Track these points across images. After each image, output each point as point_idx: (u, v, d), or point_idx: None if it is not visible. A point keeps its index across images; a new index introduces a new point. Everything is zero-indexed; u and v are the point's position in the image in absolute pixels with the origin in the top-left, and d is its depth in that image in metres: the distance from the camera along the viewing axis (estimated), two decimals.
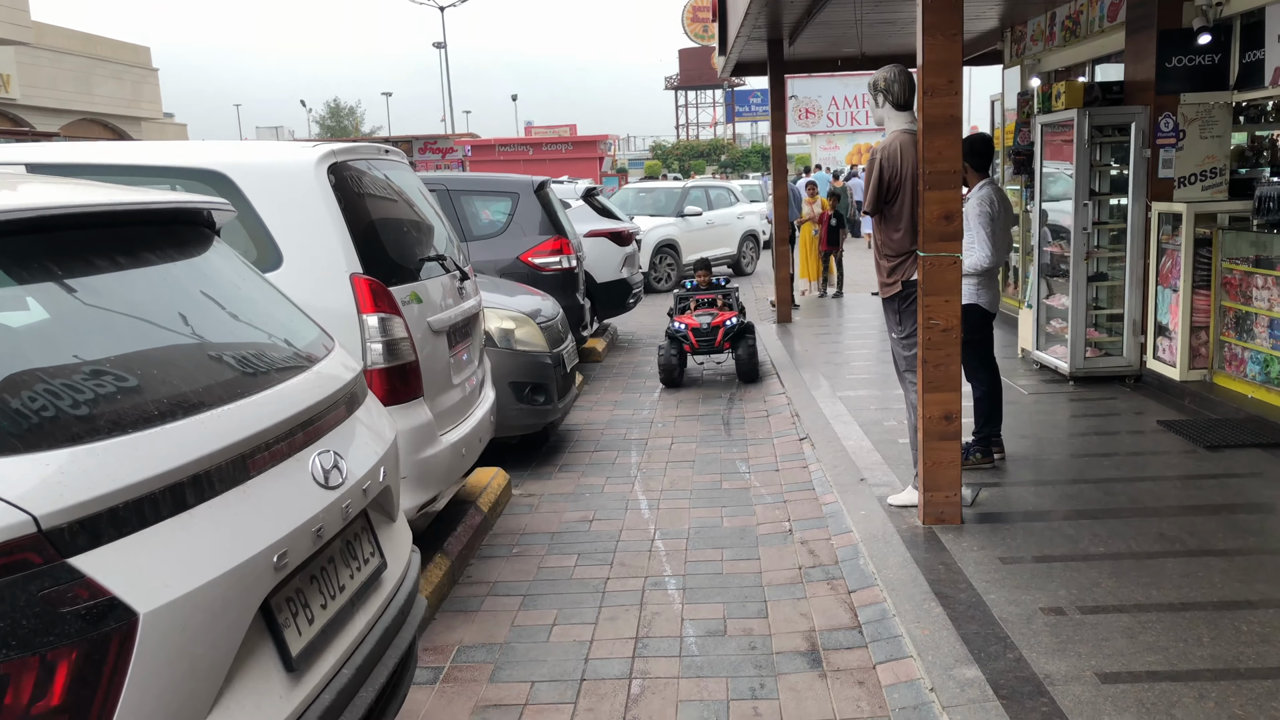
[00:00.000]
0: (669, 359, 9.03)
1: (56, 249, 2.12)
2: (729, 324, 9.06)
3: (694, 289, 9.88)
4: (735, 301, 9.63)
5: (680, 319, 9.24)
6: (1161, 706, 3.23)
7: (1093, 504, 5.20)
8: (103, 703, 1.56)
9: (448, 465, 4.52)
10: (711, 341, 9.03)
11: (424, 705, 3.71)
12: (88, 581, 1.56)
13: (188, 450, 1.82)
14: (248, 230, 4.16)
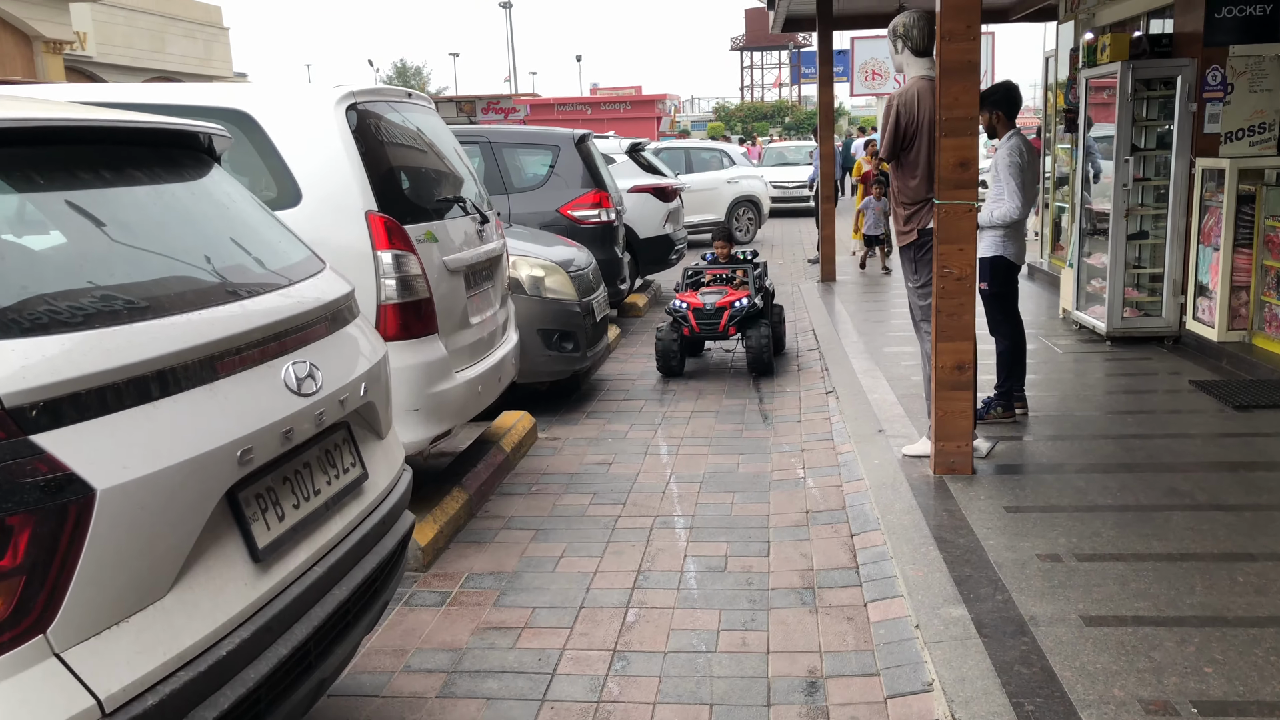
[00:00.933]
0: (667, 343, 7.66)
1: (57, 160, 2.26)
2: (738, 305, 7.63)
3: (710, 262, 8.53)
4: (756, 280, 8.06)
5: (683, 296, 7.92)
6: (1141, 649, 3.25)
7: (1109, 459, 5.17)
8: (60, 567, 1.69)
9: (462, 401, 4.65)
10: (715, 325, 7.66)
11: (429, 625, 3.86)
12: (47, 457, 1.69)
13: (153, 348, 1.94)
14: (269, 167, 4.30)
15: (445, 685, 3.41)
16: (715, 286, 8.05)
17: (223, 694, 1.97)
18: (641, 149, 12.86)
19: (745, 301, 7.67)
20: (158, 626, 1.87)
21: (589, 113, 29.51)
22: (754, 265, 8.31)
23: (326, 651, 2.40)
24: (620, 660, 3.55)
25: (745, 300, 7.68)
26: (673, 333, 7.72)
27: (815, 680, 3.37)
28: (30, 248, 2.05)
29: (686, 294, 7.95)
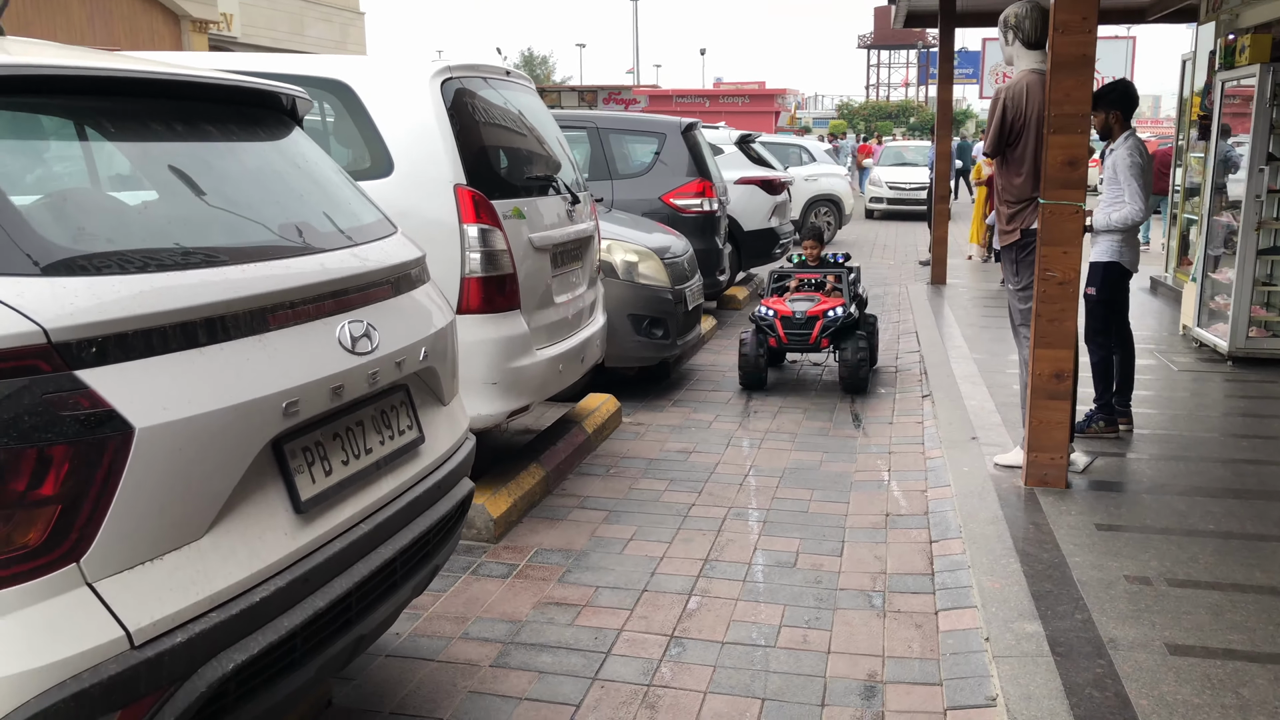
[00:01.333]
0: (753, 354, 6.95)
1: (140, 112, 2.32)
2: (831, 315, 6.89)
3: (798, 265, 7.78)
4: (850, 287, 7.34)
5: (770, 302, 7.16)
6: (1229, 684, 3.04)
7: (1216, 483, 4.88)
8: (95, 500, 1.73)
9: (541, 378, 4.65)
10: (805, 337, 6.93)
11: (492, 595, 3.88)
12: (89, 392, 1.73)
13: (202, 296, 1.96)
14: (364, 137, 4.38)
15: (500, 655, 3.41)
16: (804, 293, 7.33)
17: (254, 639, 1.99)
18: (751, 141, 12.73)
19: (840, 311, 6.92)
20: (192, 567, 1.89)
21: (707, 105, 29.42)
22: (847, 270, 7.58)
23: (368, 608, 2.41)
24: (676, 646, 3.49)
25: (840, 310, 6.93)
26: (758, 342, 7.02)
27: (874, 684, 3.25)
28: (94, 192, 2.10)
29: (773, 300, 7.22)
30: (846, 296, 7.19)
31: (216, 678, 1.89)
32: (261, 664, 2.02)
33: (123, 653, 1.74)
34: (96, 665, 1.70)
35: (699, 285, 7.55)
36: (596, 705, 3.11)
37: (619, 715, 3.05)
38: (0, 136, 2.00)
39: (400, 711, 3.05)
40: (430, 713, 3.05)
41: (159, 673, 1.78)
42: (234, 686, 1.97)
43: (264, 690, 2.06)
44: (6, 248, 1.74)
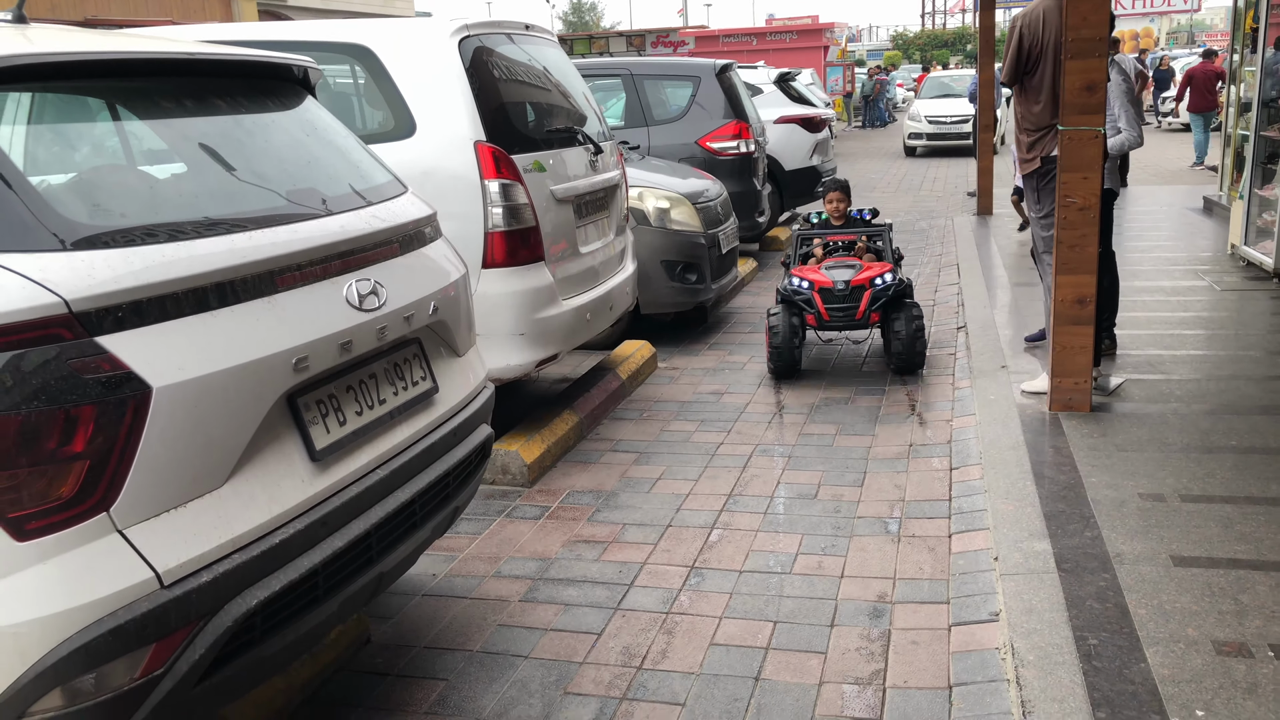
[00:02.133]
0: (786, 335, 5.82)
1: (156, 90, 2.51)
2: (880, 283, 5.82)
3: (822, 224, 6.58)
4: (889, 247, 6.36)
5: (801, 272, 6.00)
6: (1229, 592, 3.12)
7: (1245, 400, 4.88)
8: (120, 455, 1.93)
9: (569, 327, 4.81)
10: (852, 312, 5.82)
11: (524, 535, 4.08)
12: (110, 356, 1.92)
13: (212, 263, 2.14)
14: (387, 99, 4.53)
15: (529, 591, 3.61)
16: (837, 258, 6.21)
17: (276, 577, 2.19)
18: (791, 79, 12.62)
19: (890, 277, 5.85)
20: (214, 512, 2.09)
21: (754, 44, 28.96)
22: (881, 227, 6.52)
23: (388, 548, 2.61)
24: (696, 576, 3.67)
25: (889, 276, 5.87)
26: (791, 320, 5.88)
27: (883, 605, 3.39)
28: (111, 170, 2.28)
29: (806, 269, 6.08)
30: (889, 258, 6.28)
31: (242, 612, 2.09)
32: (285, 599, 2.22)
33: (153, 592, 1.95)
34: (131, 604, 1.91)
35: (733, 228, 7.62)
36: (617, 633, 3.30)
37: (637, 641, 3.24)
38: (24, 121, 2.19)
39: (434, 645, 3.28)
40: (462, 645, 3.27)
41: (188, 609, 1.99)
42: (260, 620, 2.17)
43: (289, 623, 2.27)
44: (31, 227, 1.93)
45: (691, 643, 3.22)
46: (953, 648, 3.11)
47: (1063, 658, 2.85)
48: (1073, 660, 2.83)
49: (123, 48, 2.45)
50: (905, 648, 3.13)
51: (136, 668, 1.95)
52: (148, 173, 2.37)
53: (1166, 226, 10.42)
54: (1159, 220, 10.87)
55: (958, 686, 2.91)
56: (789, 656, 3.12)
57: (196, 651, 2.03)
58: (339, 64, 4.72)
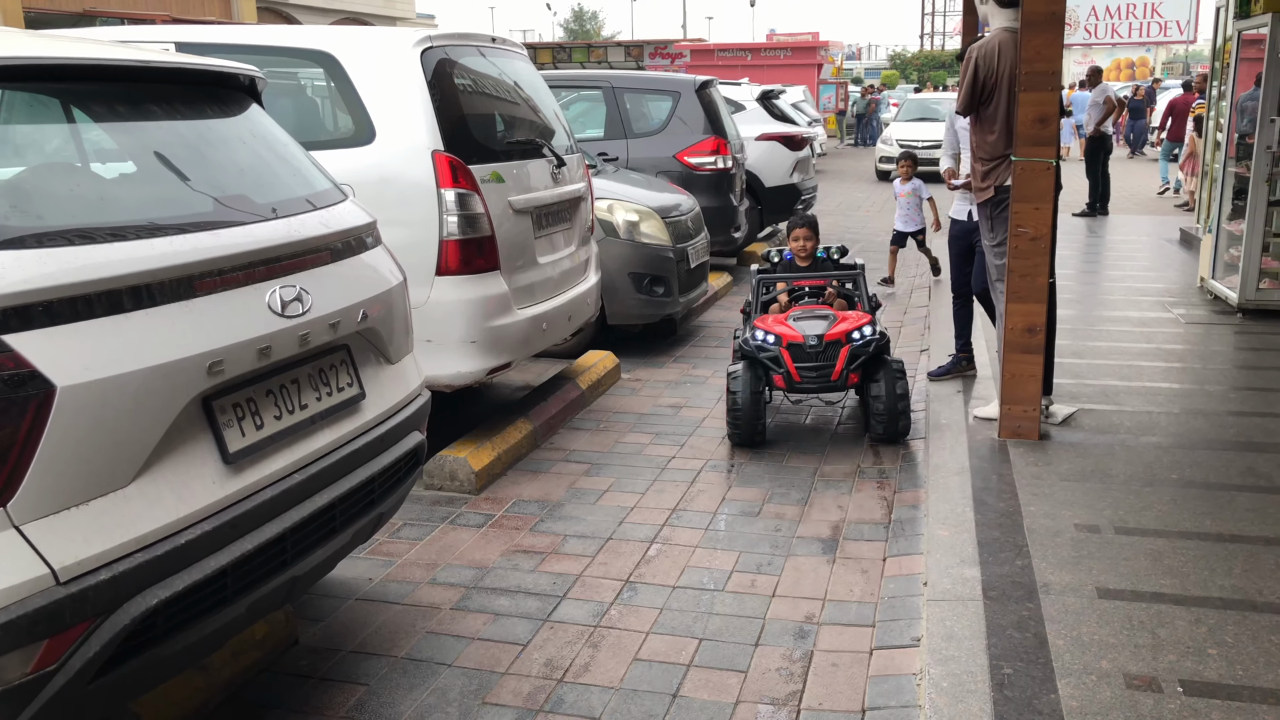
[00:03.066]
0: (749, 402, 4.98)
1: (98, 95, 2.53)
2: (858, 336, 4.98)
3: (786, 265, 5.75)
4: (864, 292, 5.53)
5: (765, 324, 5.13)
6: (1148, 625, 3.15)
7: (1192, 434, 4.93)
8: (20, 451, 1.94)
9: (523, 336, 4.83)
10: (826, 372, 4.96)
11: (465, 543, 4.10)
12: (14, 355, 1.93)
13: (126, 266, 2.16)
14: (348, 106, 4.56)
15: (462, 599, 3.63)
16: (805, 305, 5.41)
17: (179, 577, 2.20)
18: (774, 96, 12.69)
19: (869, 330, 5.03)
20: (117, 511, 2.11)
21: (749, 59, 29.16)
22: (851, 268, 5.68)
23: (304, 552, 2.62)
24: (629, 590, 3.69)
25: (869, 329, 5.03)
26: (753, 382, 5.01)
27: (810, 626, 3.42)
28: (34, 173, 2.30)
29: (770, 320, 5.18)
30: (866, 306, 5.47)
31: (141, 611, 2.11)
32: (188, 600, 2.24)
33: (48, 588, 1.96)
34: (24, 599, 1.92)
35: (704, 243, 7.66)
36: (543, 644, 3.32)
37: (562, 653, 3.26)
38: None
39: (360, 650, 3.29)
40: (388, 651, 3.28)
41: (84, 606, 2.00)
42: (161, 620, 2.19)
43: (193, 624, 2.28)
44: None
45: (615, 657, 3.24)
46: (872, 672, 3.14)
47: (975, 685, 2.88)
48: (985, 689, 2.86)
49: (66, 53, 2.47)
50: (825, 669, 3.16)
51: (29, 663, 1.96)
52: (73, 176, 2.39)
53: (1142, 257, 10.51)
54: (1135, 250, 10.96)
55: (871, 711, 2.93)
56: (710, 674, 3.14)
57: (92, 648, 2.04)
58: (304, 69, 4.76)
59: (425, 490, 4.60)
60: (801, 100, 23.21)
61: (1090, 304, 8.09)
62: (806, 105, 23.50)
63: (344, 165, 4.35)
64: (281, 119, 4.35)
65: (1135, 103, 24.57)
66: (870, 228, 13.56)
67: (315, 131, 4.71)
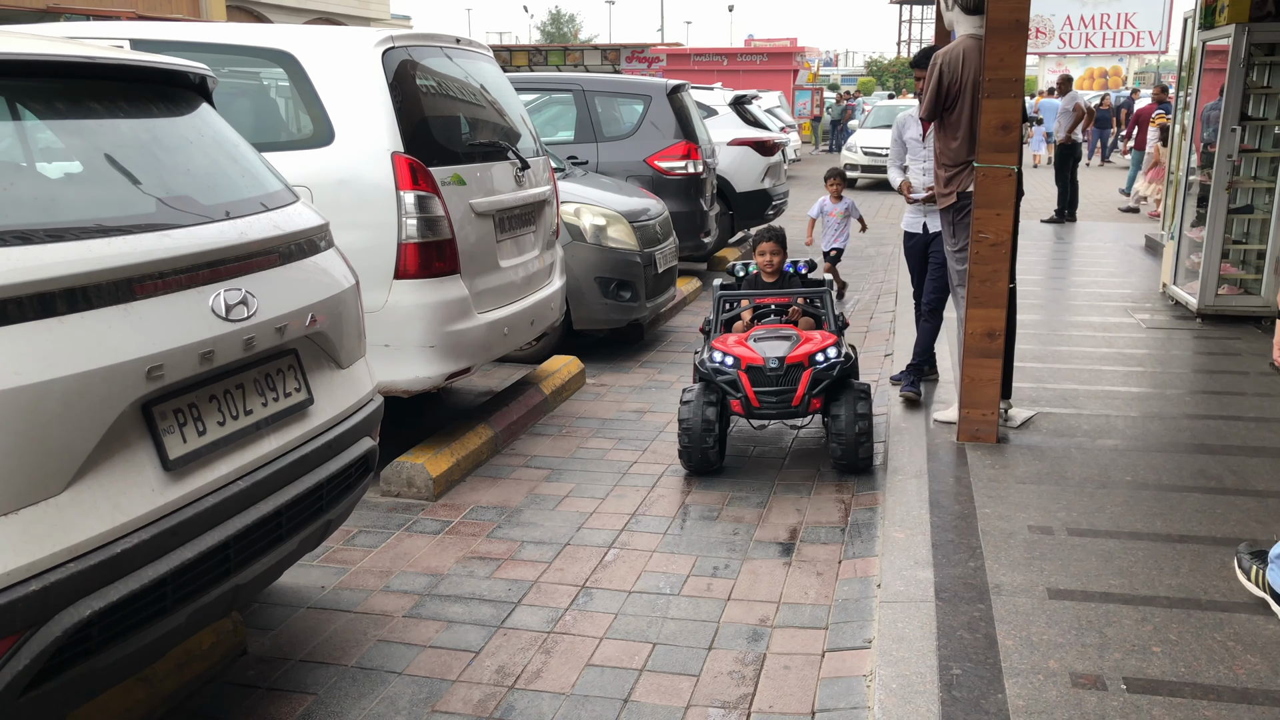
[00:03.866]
0: (700, 430, 4.66)
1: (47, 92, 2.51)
2: (822, 359, 4.68)
3: (750, 279, 5.44)
4: (831, 311, 5.19)
5: (724, 344, 4.82)
6: (1096, 625, 3.18)
7: (1147, 436, 4.98)
8: None
9: (483, 341, 4.82)
10: (787, 397, 4.64)
11: (421, 550, 4.08)
12: None
13: (61, 269, 2.14)
14: (307, 106, 4.53)
15: (415, 606, 3.61)
16: (768, 325, 5.05)
17: (115, 587, 2.18)
18: (747, 101, 12.73)
19: (834, 352, 4.72)
20: (48, 520, 2.08)
21: (724, 64, 29.23)
22: (819, 284, 5.38)
23: (247, 560, 2.60)
24: (585, 596, 3.68)
25: (833, 350, 4.72)
26: (708, 405, 4.70)
27: (764, 629, 3.42)
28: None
29: (729, 340, 4.85)
30: (832, 326, 5.10)
31: (73, 623, 2.08)
32: (125, 610, 2.21)
33: None
34: None
35: (672, 248, 7.66)
36: (496, 651, 3.31)
37: (514, 660, 3.25)
38: None
39: (310, 659, 3.27)
40: (338, 660, 3.26)
41: (12, 618, 1.97)
42: (97, 631, 2.16)
43: (130, 634, 2.25)
44: None
45: (568, 663, 3.23)
46: (823, 674, 3.14)
47: (924, 686, 2.89)
48: (933, 690, 2.87)
49: (6, 48, 2.44)
50: (777, 672, 3.16)
51: None
52: (11, 175, 2.36)
53: (1107, 263, 10.61)
54: (1101, 256, 11.07)
55: (820, 712, 2.94)
56: (662, 679, 3.13)
57: (22, 661, 2.01)
58: (264, 69, 4.73)
59: (382, 497, 4.57)
60: (777, 106, 23.28)
61: (1054, 309, 8.16)
62: (782, 111, 23.60)
63: (303, 166, 4.35)
64: (240, 119, 4.36)
65: (1102, 112, 24.82)
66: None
67: (274, 132, 4.69)
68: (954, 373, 6.20)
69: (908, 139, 5.91)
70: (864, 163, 20.08)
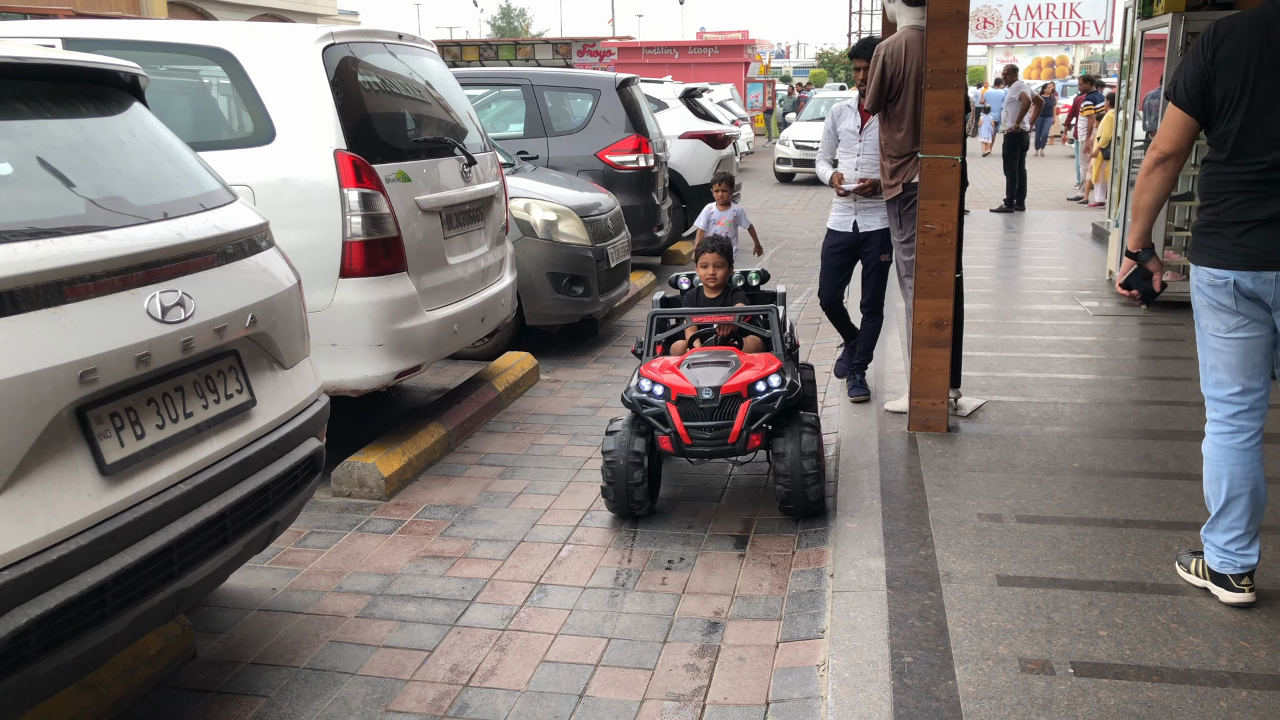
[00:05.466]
0: (625, 469, 4.08)
1: None
2: (762, 390, 4.06)
3: (693, 294, 4.88)
4: (778, 331, 4.44)
5: (653, 371, 4.19)
6: (1044, 610, 3.22)
7: (1094, 423, 5.06)
8: None
9: (433, 339, 4.77)
10: (722, 434, 4.02)
11: (373, 549, 4.04)
12: None
13: None
14: (246, 105, 4.46)
15: (368, 606, 3.57)
16: (708, 347, 4.46)
17: (52, 594, 2.13)
18: (698, 94, 12.74)
19: (777, 380, 4.09)
20: None
21: (676, 57, 29.27)
22: (770, 298, 4.84)
23: (191, 564, 2.55)
24: (540, 592, 3.66)
25: (776, 378, 4.09)
26: (633, 443, 4.10)
27: (718, 621, 3.43)
28: None
29: (660, 366, 4.24)
30: (779, 349, 4.41)
31: (9, 631, 2.03)
32: (63, 617, 2.16)
33: None
34: None
35: (625, 243, 7.65)
36: (450, 650, 3.28)
37: (469, 658, 3.23)
38: None
39: (261, 661, 3.22)
40: (289, 661, 3.22)
41: None
42: (34, 639, 2.11)
43: (69, 641, 2.20)
44: None
45: (523, 660, 3.22)
46: (777, 664, 3.16)
47: (876, 675, 2.91)
48: (885, 677, 2.90)
49: None
50: (732, 664, 3.17)
51: None
52: None
53: (1055, 251, 10.76)
54: (1049, 245, 11.22)
55: (775, 703, 2.95)
56: (617, 673, 3.13)
57: None
58: (203, 67, 4.65)
59: (333, 497, 4.52)
60: (729, 99, 23.35)
61: (1003, 298, 8.26)
62: (733, 104, 23.66)
63: (243, 166, 4.28)
64: (179, 118, 4.28)
65: (1047, 100, 25.19)
66: (794, 225, 13.70)
67: (213, 131, 4.61)
68: (904, 363, 6.26)
69: (842, 131, 5.56)
70: (796, 156, 18.92)
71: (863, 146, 5.43)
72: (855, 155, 5.47)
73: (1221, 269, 3.08)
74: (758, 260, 8.07)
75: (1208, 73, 3.00)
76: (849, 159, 5.50)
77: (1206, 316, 3.23)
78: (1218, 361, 3.24)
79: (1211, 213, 3.11)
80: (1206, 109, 3.03)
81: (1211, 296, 3.15)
